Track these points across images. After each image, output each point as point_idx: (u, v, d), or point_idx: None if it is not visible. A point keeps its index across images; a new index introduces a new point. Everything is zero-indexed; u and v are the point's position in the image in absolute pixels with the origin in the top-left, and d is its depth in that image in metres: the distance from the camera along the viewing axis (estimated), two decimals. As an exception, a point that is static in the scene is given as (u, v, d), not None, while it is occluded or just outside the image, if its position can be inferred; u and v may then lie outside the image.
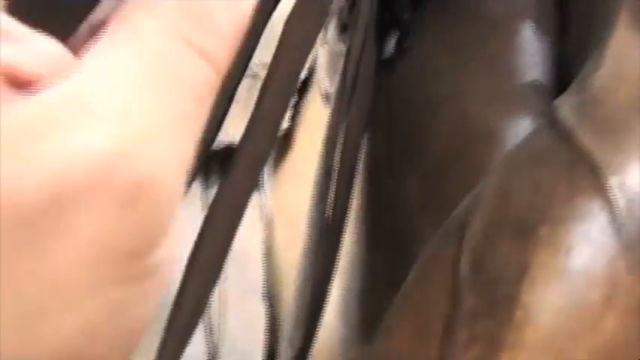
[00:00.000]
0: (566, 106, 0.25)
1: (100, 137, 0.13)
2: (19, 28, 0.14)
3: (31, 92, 0.14)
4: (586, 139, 0.23)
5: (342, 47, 0.39)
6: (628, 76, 0.24)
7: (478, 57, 0.31)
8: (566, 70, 0.30)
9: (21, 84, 0.14)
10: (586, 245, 0.21)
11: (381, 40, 0.34)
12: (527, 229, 0.22)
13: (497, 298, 0.22)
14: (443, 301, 0.23)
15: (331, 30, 0.39)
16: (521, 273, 0.22)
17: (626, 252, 0.21)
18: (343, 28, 0.38)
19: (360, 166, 0.32)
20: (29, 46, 0.14)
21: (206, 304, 0.20)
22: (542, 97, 0.29)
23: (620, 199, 0.21)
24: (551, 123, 0.24)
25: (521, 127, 0.29)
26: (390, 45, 0.34)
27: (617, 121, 0.23)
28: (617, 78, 0.24)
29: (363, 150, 0.33)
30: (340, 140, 0.29)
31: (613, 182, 0.22)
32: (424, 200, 0.29)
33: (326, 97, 0.41)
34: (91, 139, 0.13)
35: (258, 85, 0.36)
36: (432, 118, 0.31)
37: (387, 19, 0.34)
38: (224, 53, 0.15)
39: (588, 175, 0.22)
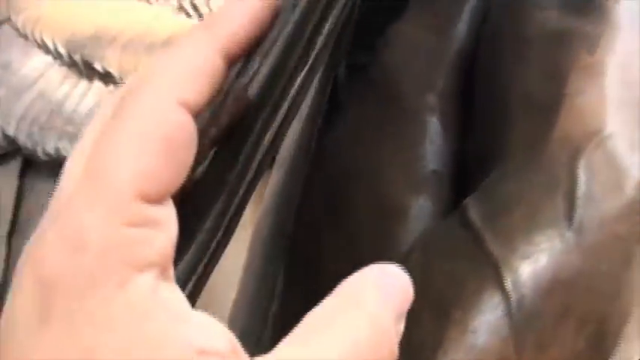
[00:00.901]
0: (475, 210, 0.31)
1: None
2: None
3: None
4: (491, 244, 0.30)
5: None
6: (523, 190, 0.31)
7: (394, 138, 0.36)
8: (464, 164, 0.36)
9: None
10: (486, 329, 0.28)
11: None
12: (444, 309, 0.29)
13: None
14: None
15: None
16: (438, 344, 0.28)
17: (515, 336, 0.28)
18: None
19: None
20: None
21: None
22: (443, 185, 0.36)
23: (513, 295, 0.29)
24: (464, 223, 0.31)
25: (425, 209, 0.35)
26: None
27: (516, 230, 0.30)
28: (518, 193, 0.31)
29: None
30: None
31: (509, 282, 0.29)
32: (340, 261, 0.35)
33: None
34: None
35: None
36: (351, 188, 0.36)
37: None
38: None
39: (492, 274, 0.29)
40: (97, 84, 0.49)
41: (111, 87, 0.49)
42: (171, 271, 0.17)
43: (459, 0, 0.39)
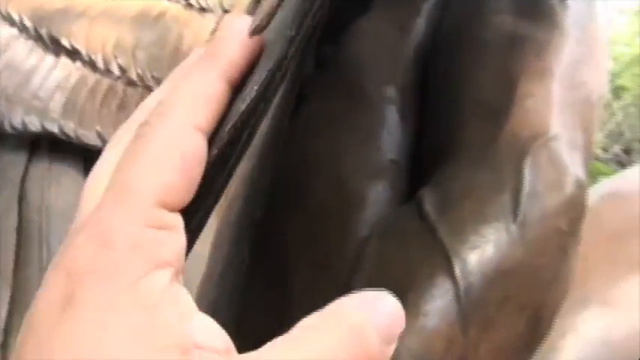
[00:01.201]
0: (430, 202, 0.34)
1: None
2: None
3: None
4: (443, 235, 0.32)
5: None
6: (474, 185, 0.34)
7: (353, 129, 0.37)
8: (419, 155, 0.39)
9: None
10: (437, 312, 0.31)
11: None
12: (399, 293, 0.31)
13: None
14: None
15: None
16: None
17: (462, 319, 0.31)
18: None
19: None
20: None
21: None
22: (399, 174, 0.38)
23: (461, 283, 0.31)
24: (420, 214, 0.33)
25: (382, 196, 0.37)
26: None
27: (466, 223, 0.32)
28: (469, 189, 0.34)
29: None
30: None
31: (458, 270, 0.32)
32: (303, 244, 0.37)
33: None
34: None
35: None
36: (312, 175, 0.38)
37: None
38: None
39: (443, 263, 0.32)
40: (64, 60, 0.50)
41: (78, 63, 0.49)
42: (182, 274, 0.19)
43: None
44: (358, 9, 0.41)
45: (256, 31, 0.22)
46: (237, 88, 0.22)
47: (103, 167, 0.21)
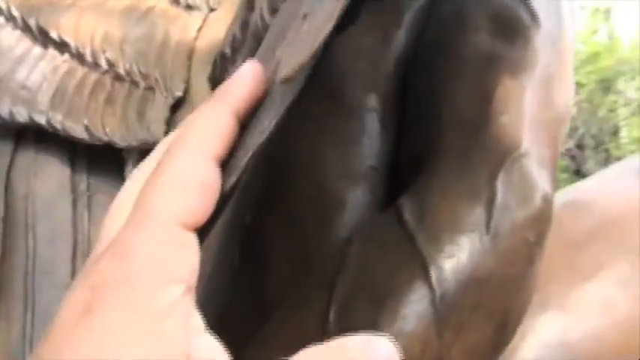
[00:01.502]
0: (409, 210, 0.36)
1: None
2: None
3: None
4: (421, 243, 0.34)
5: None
6: (450, 196, 0.36)
7: (335, 135, 0.39)
8: (398, 163, 0.40)
9: None
10: (414, 316, 0.33)
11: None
12: (379, 298, 0.33)
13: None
14: (314, 337, 0.33)
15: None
16: (371, 328, 0.33)
17: (436, 324, 0.33)
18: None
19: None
20: None
21: None
22: (378, 181, 0.40)
23: (437, 289, 0.34)
24: (399, 221, 0.35)
25: (361, 201, 0.39)
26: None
27: (443, 232, 0.35)
28: (446, 200, 0.36)
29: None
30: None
31: (434, 277, 0.34)
32: (285, 244, 0.38)
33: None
34: None
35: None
36: (295, 177, 0.39)
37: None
38: None
39: (421, 270, 0.34)
40: (52, 51, 0.50)
41: (66, 56, 0.50)
42: (194, 292, 0.21)
43: (401, 10, 0.43)
44: (341, 20, 0.42)
45: (286, 81, 0.24)
46: (245, 121, 0.25)
47: (124, 197, 0.23)
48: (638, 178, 0.51)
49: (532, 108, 0.39)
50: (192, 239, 0.22)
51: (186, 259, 0.21)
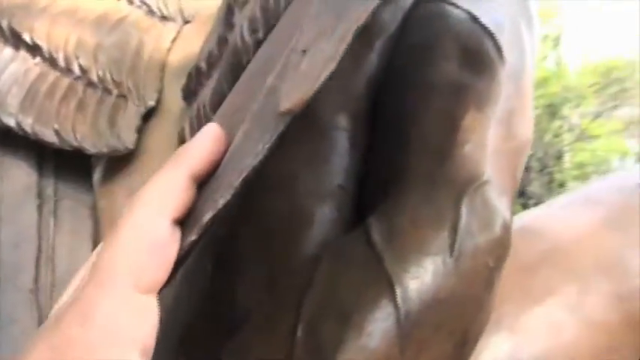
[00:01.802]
0: (377, 231, 0.37)
1: None
2: None
3: None
4: (388, 264, 0.36)
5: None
6: (417, 220, 0.38)
7: (306, 153, 0.40)
8: (366, 181, 0.42)
9: None
10: (379, 333, 0.35)
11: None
12: (346, 315, 0.35)
13: (322, 358, 0.34)
14: (282, 352, 0.34)
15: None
16: (338, 343, 0.34)
17: (400, 340, 0.35)
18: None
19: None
20: None
21: None
22: (346, 199, 0.41)
23: (402, 308, 0.35)
24: (368, 241, 0.37)
25: (329, 217, 0.40)
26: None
27: (410, 254, 0.36)
28: (413, 223, 0.37)
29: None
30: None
31: (400, 297, 0.35)
32: (254, 258, 0.39)
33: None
34: None
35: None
36: (266, 196, 0.39)
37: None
38: None
39: (387, 289, 0.35)
40: (24, 54, 0.50)
41: (38, 59, 0.50)
42: (150, 355, 0.23)
43: (372, 36, 0.44)
44: None
45: (288, 112, 0.25)
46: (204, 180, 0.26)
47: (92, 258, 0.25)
48: (585, 207, 0.53)
49: (494, 139, 0.41)
50: (150, 302, 0.23)
51: (143, 324, 0.22)
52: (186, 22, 0.53)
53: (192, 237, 0.24)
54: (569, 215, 0.53)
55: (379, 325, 0.35)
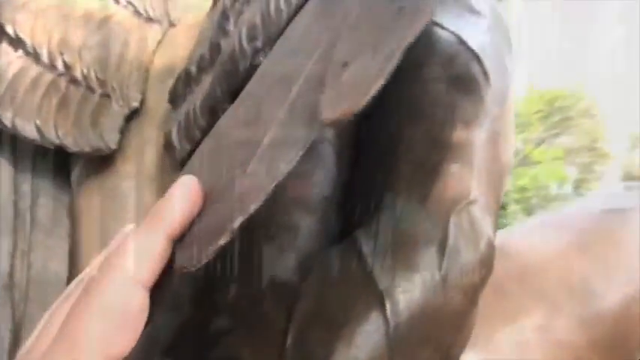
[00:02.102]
0: (367, 246, 0.38)
1: None
2: None
3: None
4: (378, 278, 0.37)
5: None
6: (407, 236, 0.38)
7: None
8: (352, 193, 0.43)
9: None
10: (368, 345, 0.35)
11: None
12: (335, 326, 0.35)
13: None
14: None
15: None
16: (328, 354, 0.35)
17: (389, 353, 0.36)
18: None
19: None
20: None
21: None
22: (331, 210, 0.42)
23: (392, 322, 0.36)
24: (358, 256, 0.37)
25: (313, 228, 0.41)
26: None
27: (400, 269, 0.37)
28: (403, 239, 0.38)
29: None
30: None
31: (389, 311, 0.36)
32: (242, 267, 0.39)
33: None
34: None
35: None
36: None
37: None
38: None
39: (377, 303, 0.36)
40: (5, 47, 0.49)
41: (20, 52, 0.49)
42: None
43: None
44: None
45: (332, 123, 0.25)
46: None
47: (54, 316, 0.24)
48: (554, 230, 0.55)
49: (481, 159, 0.42)
50: None
51: None
52: (172, 25, 0.53)
53: (221, 241, 0.23)
54: (538, 238, 0.55)
55: (369, 338, 0.35)
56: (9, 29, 0.48)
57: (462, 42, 0.44)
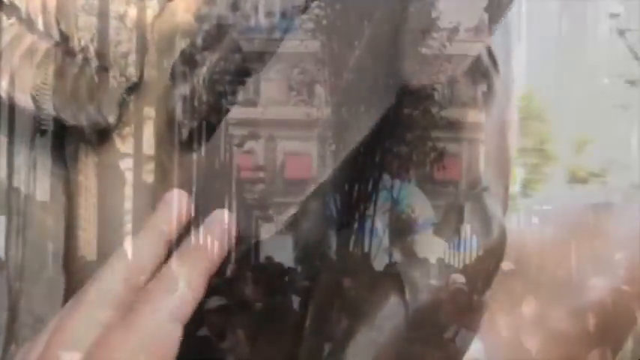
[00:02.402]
0: (383, 227, 0.38)
1: None
2: None
3: None
4: (398, 260, 0.37)
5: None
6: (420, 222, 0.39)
7: None
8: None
9: None
10: (388, 328, 0.35)
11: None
12: (357, 310, 0.35)
13: (332, 349, 0.35)
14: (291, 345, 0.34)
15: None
16: (350, 336, 0.35)
17: (409, 332, 0.36)
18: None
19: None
20: None
21: None
22: (328, 194, 0.42)
23: (411, 305, 0.36)
24: (369, 240, 0.37)
25: (316, 208, 0.41)
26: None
27: (419, 253, 0.37)
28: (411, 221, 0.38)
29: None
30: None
31: (409, 293, 0.36)
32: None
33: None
34: None
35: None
36: None
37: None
38: None
39: (397, 287, 0.36)
40: (-2, 13, 0.47)
41: (13, 19, 0.47)
42: None
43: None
44: None
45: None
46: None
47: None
48: (546, 225, 0.56)
49: (493, 149, 0.43)
50: None
51: None
52: (171, -2, 0.52)
53: (275, 228, 0.23)
54: (530, 232, 0.56)
55: (389, 321, 0.35)
56: (2, -5, 0.46)
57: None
